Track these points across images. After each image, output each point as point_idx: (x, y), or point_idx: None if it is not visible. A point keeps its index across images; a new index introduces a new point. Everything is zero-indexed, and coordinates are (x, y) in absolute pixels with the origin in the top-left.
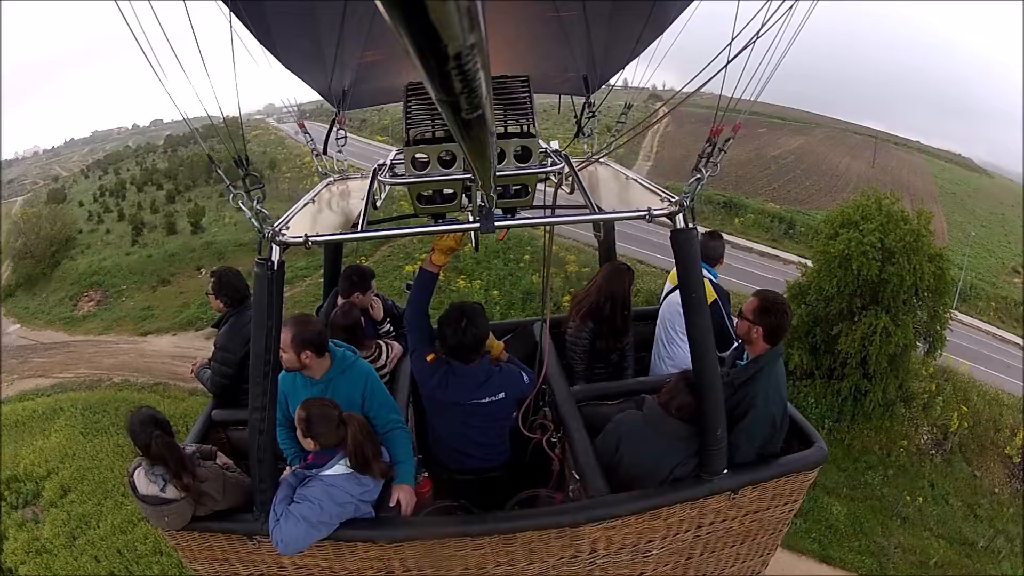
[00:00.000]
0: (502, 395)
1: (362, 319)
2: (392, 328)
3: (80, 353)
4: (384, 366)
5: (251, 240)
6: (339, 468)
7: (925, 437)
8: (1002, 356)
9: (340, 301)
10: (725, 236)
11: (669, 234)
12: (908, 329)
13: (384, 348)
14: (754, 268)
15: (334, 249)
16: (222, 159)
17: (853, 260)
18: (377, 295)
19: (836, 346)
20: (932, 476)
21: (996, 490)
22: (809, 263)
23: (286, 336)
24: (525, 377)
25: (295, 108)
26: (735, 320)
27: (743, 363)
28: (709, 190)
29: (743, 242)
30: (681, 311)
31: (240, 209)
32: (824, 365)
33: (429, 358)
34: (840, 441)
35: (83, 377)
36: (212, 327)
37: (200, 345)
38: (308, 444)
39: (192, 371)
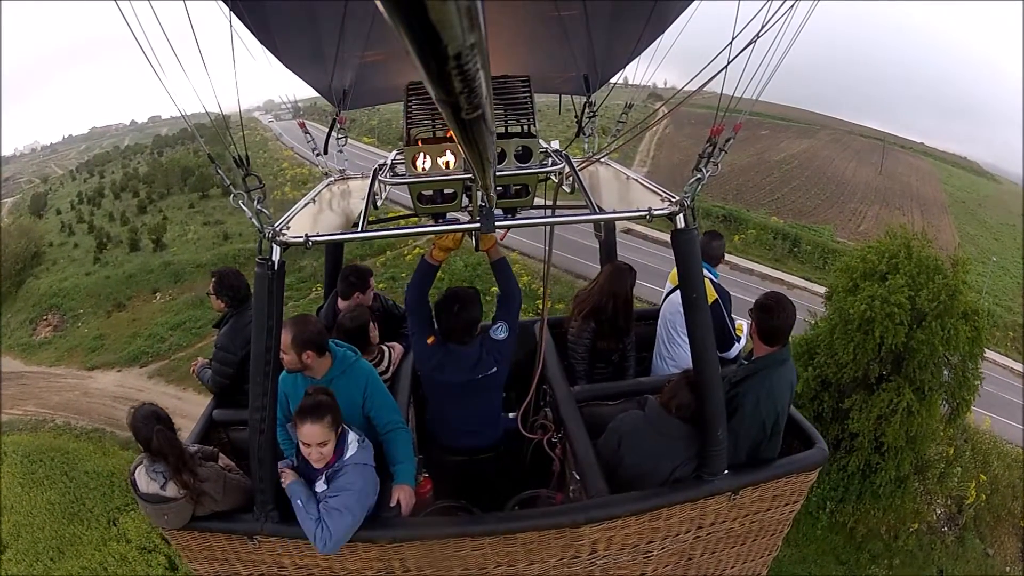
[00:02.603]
0: (494, 369)
1: (370, 322)
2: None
3: (31, 388)
4: (387, 369)
5: (209, 260)
6: (354, 445)
7: (939, 511)
8: (1020, 397)
9: (340, 303)
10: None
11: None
12: (935, 407)
13: (387, 351)
14: (754, 295)
15: (335, 249)
16: (216, 156)
17: (876, 324)
18: (377, 295)
19: (847, 420)
20: (942, 560)
21: (1008, 568)
22: (819, 289)
23: (287, 337)
24: (500, 335)
25: (292, 106)
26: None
27: (747, 362)
28: (708, 201)
29: (744, 263)
30: (682, 311)
31: (241, 209)
32: (831, 434)
33: (429, 341)
34: (843, 525)
35: (30, 415)
36: (213, 327)
37: (142, 386)
38: (324, 454)
39: (193, 370)
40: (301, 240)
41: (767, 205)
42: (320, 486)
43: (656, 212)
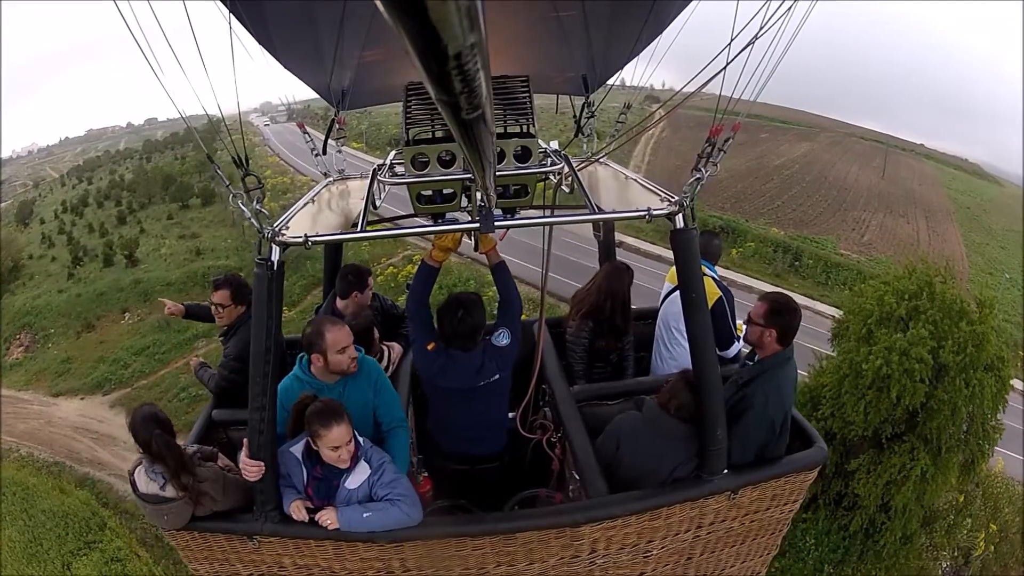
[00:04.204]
0: (497, 376)
1: (374, 323)
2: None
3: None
4: (387, 367)
5: (179, 278)
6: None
7: (944, 565)
8: (1021, 422)
9: (338, 302)
10: (720, 271)
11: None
12: (951, 472)
13: (387, 351)
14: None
15: (334, 249)
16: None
17: (893, 383)
18: (376, 295)
19: (851, 479)
20: None
21: None
22: (823, 308)
23: (347, 334)
24: (502, 341)
25: (288, 108)
26: (745, 327)
27: (751, 363)
28: (705, 211)
29: (741, 279)
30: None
31: (240, 209)
32: (832, 490)
33: (430, 347)
34: None
35: None
36: (219, 337)
37: (103, 415)
38: (351, 449)
39: (192, 367)
40: (300, 240)
41: (766, 214)
42: (360, 473)
43: (655, 212)
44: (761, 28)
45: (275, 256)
